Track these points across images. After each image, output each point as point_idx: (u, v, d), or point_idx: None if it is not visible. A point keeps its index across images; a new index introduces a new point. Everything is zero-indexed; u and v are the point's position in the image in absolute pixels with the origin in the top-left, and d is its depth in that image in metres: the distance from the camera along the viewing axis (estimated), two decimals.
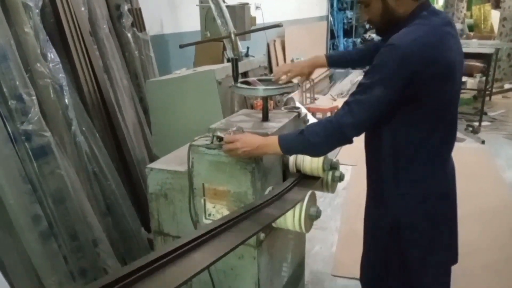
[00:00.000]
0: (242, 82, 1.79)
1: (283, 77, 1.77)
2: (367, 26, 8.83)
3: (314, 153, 1.49)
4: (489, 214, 3.21)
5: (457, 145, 1.48)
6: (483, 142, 4.77)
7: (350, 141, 1.36)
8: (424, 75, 1.27)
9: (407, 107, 1.32)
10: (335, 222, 3.17)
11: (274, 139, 1.40)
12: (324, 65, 1.85)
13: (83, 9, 2.49)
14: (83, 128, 2.30)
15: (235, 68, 1.72)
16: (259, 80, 1.84)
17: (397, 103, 1.30)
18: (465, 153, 4.35)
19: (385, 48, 1.29)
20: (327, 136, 1.35)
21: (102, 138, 2.42)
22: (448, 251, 1.54)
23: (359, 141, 1.51)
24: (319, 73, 6.80)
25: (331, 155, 1.66)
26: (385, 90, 1.27)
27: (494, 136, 5.04)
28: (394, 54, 1.26)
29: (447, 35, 1.33)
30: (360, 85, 1.33)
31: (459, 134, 4.90)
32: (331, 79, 7.77)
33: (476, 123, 5.30)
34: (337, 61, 1.88)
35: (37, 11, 2.08)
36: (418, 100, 1.32)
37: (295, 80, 1.80)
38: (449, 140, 1.47)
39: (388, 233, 1.51)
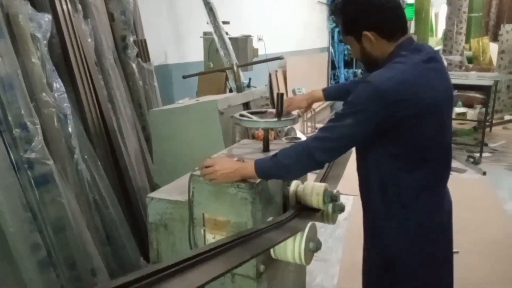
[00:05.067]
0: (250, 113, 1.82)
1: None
2: None
3: (287, 175, 1.50)
4: (491, 246, 3.17)
5: (458, 176, 1.48)
6: (484, 173, 4.75)
7: (321, 165, 1.39)
8: (397, 113, 1.27)
9: (387, 140, 1.34)
10: (337, 254, 3.13)
11: (251, 163, 1.43)
12: (321, 99, 1.94)
13: (89, 40, 2.55)
14: (86, 157, 2.32)
15: (280, 103, 1.71)
16: (256, 112, 1.88)
17: (373, 136, 1.33)
18: (466, 184, 4.31)
19: (362, 84, 1.33)
20: (298, 158, 1.37)
21: (104, 166, 2.44)
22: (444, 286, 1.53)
23: None
24: (320, 103, 6.88)
25: (331, 186, 1.67)
26: (355, 121, 1.29)
27: (495, 167, 5.02)
28: (368, 90, 1.29)
29: (430, 71, 1.32)
30: (335, 114, 1.37)
31: (460, 165, 4.89)
32: (332, 108, 7.84)
33: (477, 154, 5.29)
34: (334, 94, 1.96)
35: (45, 42, 2.13)
36: (395, 136, 1.32)
37: (294, 113, 1.83)
38: (439, 175, 1.44)
39: (382, 267, 1.48)
